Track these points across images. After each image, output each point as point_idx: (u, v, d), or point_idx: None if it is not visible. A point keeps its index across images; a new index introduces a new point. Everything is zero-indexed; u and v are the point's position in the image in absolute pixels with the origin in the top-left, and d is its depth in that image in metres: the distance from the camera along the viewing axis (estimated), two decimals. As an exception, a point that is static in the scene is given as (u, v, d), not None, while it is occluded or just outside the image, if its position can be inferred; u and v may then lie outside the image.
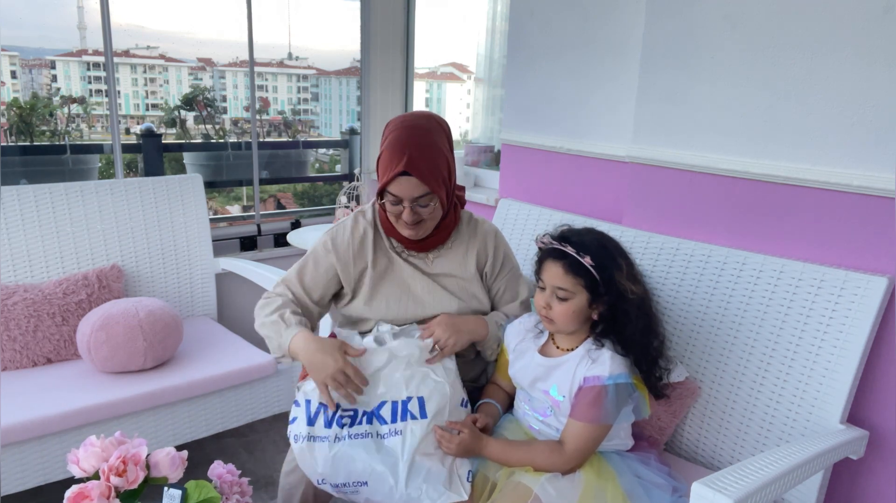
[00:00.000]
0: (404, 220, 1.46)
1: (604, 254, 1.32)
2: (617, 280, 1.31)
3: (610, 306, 1.34)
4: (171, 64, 3.77)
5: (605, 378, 1.31)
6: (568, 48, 2.18)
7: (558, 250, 1.33)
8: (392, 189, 1.42)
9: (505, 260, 1.62)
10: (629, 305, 1.32)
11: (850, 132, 1.48)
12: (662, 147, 1.86)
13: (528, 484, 1.30)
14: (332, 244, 1.56)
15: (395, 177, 1.40)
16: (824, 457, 1.31)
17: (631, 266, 1.36)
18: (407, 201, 1.43)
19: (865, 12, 1.42)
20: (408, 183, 1.41)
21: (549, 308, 1.35)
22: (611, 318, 1.35)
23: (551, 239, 1.36)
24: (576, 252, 1.31)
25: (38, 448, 1.77)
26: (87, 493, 1.14)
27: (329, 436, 1.38)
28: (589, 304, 1.34)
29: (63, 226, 2.26)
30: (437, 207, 1.47)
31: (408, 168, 1.39)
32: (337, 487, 1.39)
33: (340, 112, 4.21)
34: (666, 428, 1.64)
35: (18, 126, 3.17)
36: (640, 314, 1.34)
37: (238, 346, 2.27)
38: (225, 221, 3.12)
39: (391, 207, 1.46)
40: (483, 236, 1.60)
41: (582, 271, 1.31)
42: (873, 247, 1.48)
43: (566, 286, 1.32)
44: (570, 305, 1.33)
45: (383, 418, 1.40)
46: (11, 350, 2.02)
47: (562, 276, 1.32)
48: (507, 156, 2.50)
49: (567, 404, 1.36)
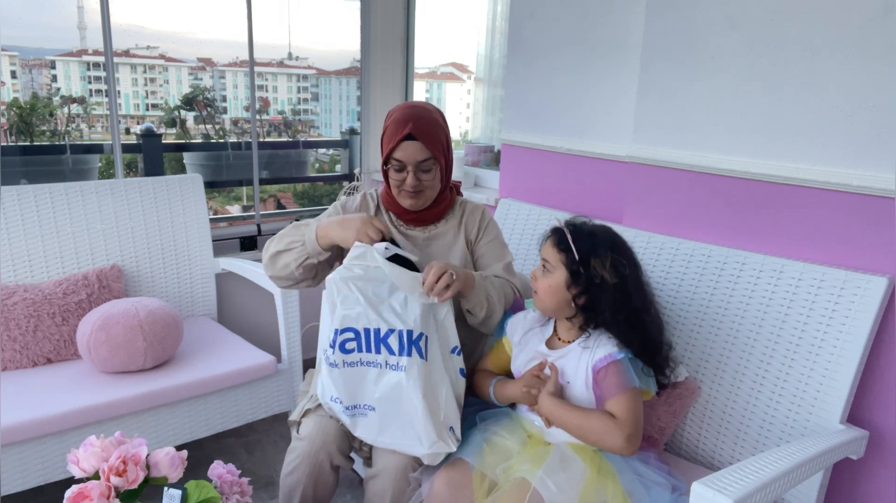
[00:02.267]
0: (407, 187, 1.57)
1: (592, 238, 1.39)
2: (592, 264, 1.35)
3: (586, 292, 1.37)
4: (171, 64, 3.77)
5: (616, 353, 1.36)
6: (568, 48, 2.18)
7: (557, 228, 1.43)
8: (397, 154, 1.54)
9: (489, 227, 1.72)
10: (602, 293, 1.35)
11: (850, 132, 1.48)
12: (662, 147, 1.86)
13: (529, 479, 1.30)
14: (342, 207, 1.69)
15: (400, 142, 1.53)
16: (824, 457, 1.31)
17: (619, 261, 1.37)
18: (411, 166, 1.55)
19: (865, 12, 1.42)
20: (412, 147, 1.53)
21: (536, 279, 1.44)
22: (589, 308, 1.38)
23: (562, 221, 1.45)
24: (566, 228, 1.40)
25: (38, 448, 1.77)
26: (87, 493, 1.14)
27: (339, 361, 1.42)
28: (567, 285, 1.38)
29: (63, 226, 2.26)
30: (437, 177, 1.59)
31: (412, 131, 1.52)
32: (348, 409, 1.43)
33: (340, 112, 4.21)
34: (666, 428, 1.64)
35: (18, 126, 3.17)
36: (617, 306, 1.35)
37: (238, 346, 2.27)
38: (225, 221, 3.12)
39: (395, 175, 1.58)
40: (472, 210, 1.73)
41: (564, 247, 1.38)
42: (873, 247, 1.48)
43: (549, 258, 1.41)
44: (550, 279, 1.40)
45: (391, 348, 1.41)
46: (11, 350, 2.02)
47: (549, 249, 1.42)
48: (507, 156, 2.50)
49: (574, 391, 1.39)
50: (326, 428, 1.52)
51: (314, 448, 1.51)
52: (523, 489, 1.29)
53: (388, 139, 1.57)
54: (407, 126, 1.52)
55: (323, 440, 1.51)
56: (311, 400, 1.60)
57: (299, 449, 1.53)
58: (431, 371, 1.42)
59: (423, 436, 1.39)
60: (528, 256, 2.20)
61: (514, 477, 1.34)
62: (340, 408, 1.43)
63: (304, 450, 1.52)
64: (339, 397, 1.42)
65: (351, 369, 1.41)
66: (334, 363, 1.42)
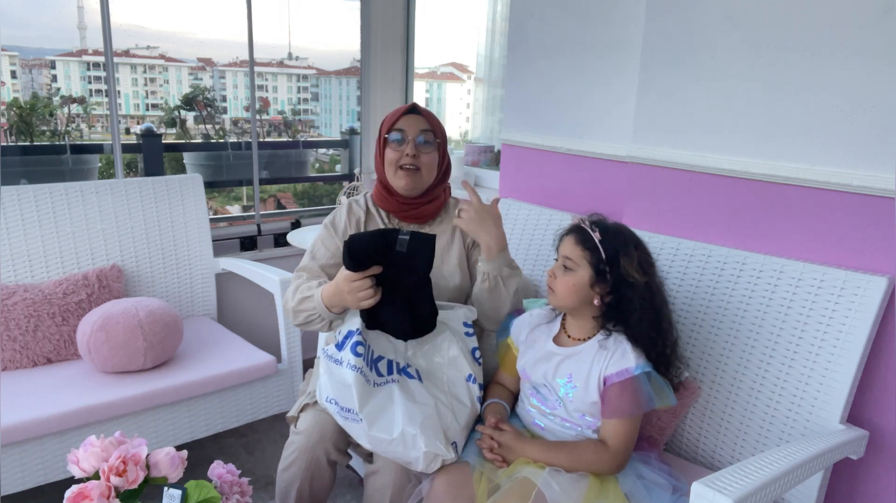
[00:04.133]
0: (405, 160, 1.58)
1: (617, 237, 1.37)
2: (622, 263, 1.34)
3: (613, 291, 1.36)
4: (171, 64, 3.77)
5: (633, 368, 1.33)
6: (568, 48, 2.18)
7: (577, 225, 1.40)
8: (398, 125, 1.60)
9: None
10: (633, 292, 1.34)
11: (850, 132, 1.48)
12: (662, 147, 1.86)
13: (532, 479, 1.30)
14: (333, 226, 1.68)
15: (402, 115, 1.60)
16: (824, 457, 1.31)
17: (645, 259, 1.38)
18: (411, 136, 1.59)
19: (865, 12, 1.42)
20: (414, 119, 1.60)
21: (554, 277, 1.41)
22: (615, 306, 1.37)
23: (581, 218, 1.43)
24: (589, 227, 1.37)
25: (38, 448, 1.77)
26: (87, 493, 1.14)
27: (343, 359, 1.42)
28: (591, 284, 1.36)
29: (63, 226, 2.26)
30: (434, 161, 1.62)
31: (415, 107, 1.62)
32: (342, 411, 1.42)
33: (340, 112, 4.21)
34: (666, 428, 1.64)
35: (18, 126, 3.17)
36: (645, 305, 1.35)
37: (238, 346, 2.27)
38: (225, 221, 3.12)
39: (394, 149, 1.60)
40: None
41: (590, 245, 1.36)
42: (873, 247, 1.48)
43: (573, 257, 1.38)
44: (572, 277, 1.37)
45: (379, 370, 1.46)
46: (11, 350, 2.02)
47: (572, 247, 1.38)
48: (507, 156, 2.50)
49: (582, 394, 1.38)
50: (324, 423, 1.52)
51: (311, 442, 1.51)
52: (527, 489, 1.29)
53: (390, 117, 1.62)
54: (410, 105, 1.63)
55: (320, 435, 1.51)
56: (309, 396, 1.61)
57: (296, 443, 1.53)
58: (430, 389, 1.44)
59: (416, 440, 1.36)
60: (528, 256, 2.20)
61: (517, 476, 1.33)
62: (335, 409, 1.43)
63: (301, 444, 1.52)
64: (334, 398, 1.42)
65: (353, 372, 1.41)
66: (338, 361, 1.43)
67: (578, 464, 1.34)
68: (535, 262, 2.16)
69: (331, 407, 1.43)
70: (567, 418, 1.42)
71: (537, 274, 2.12)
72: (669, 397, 1.36)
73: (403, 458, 1.40)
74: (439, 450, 1.37)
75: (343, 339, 1.46)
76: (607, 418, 1.35)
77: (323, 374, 1.45)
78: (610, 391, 1.35)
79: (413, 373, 1.47)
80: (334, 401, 1.41)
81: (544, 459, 1.36)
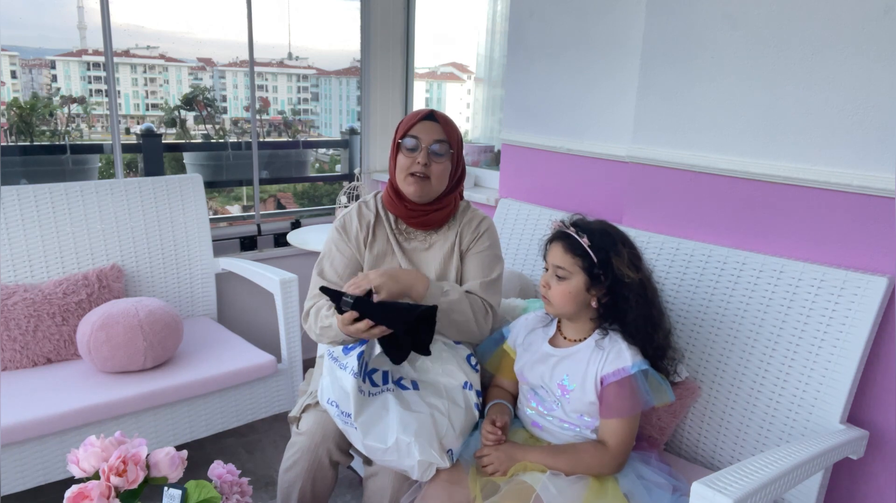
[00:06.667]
0: (417, 166, 1.54)
1: (604, 238, 1.36)
2: (615, 264, 1.33)
3: (609, 292, 1.36)
4: (171, 64, 3.77)
5: (630, 367, 1.33)
6: (568, 48, 2.18)
7: (563, 232, 1.39)
8: (413, 131, 1.56)
9: (482, 238, 1.65)
10: (628, 291, 1.34)
11: (850, 132, 1.48)
12: (662, 146, 1.86)
13: (531, 482, 1.30)
14: (345, 231, 1.65)
15: (420, 120, 1.56)
16: (824, 457, 1.31)
17: (634, 255, 1.38)
18: (425, 144, 1.55)
19: (866, 12, 1.42)
20: (430, 126, 1.57)
21: (549, 287, 1.40)
22: (612, 306, 1.37)
23: (561, 223, 1.41)
24: (576, 232, 1.36)
25: (38, 448, 1.77)
26: (87, 493, 1.14)
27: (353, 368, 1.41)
28: (587, 288, 1.36)
29: (63, 226, 2.26)
30: (446, 170, 1.58)
31: (433, 113, 1.58)
32: (342, 414, 1.41)
33: (340, 112, 4.21)
34: (666, 428, 1.64)
35: (18, 126, 3.17)
36: (640, 301, 1.35)
37: (238, 346, 2.27)
38: (225, 221, 3.12)
39: (407, 155, 1.56)
40: (470, 219, 1.68)
41: (580, 251, 1.35)
42: (873, 247, 1.48)
43: (564, 265, 1.36)
44: (567, 285, 1.36)
45: (374, 381, 1.47)
46: (11, 350, 2.02)
47: (561, 255, 1.37)
48: (507, 156, 2.50)
49: (579, 394, 1.38)
50: (326, 424, 1.52)
51: (314, 443, 1.51)
52: (526, 493, 1.29)
53: (406, 121, 1.59)
54: (428, 111, 1.59)
55: (323, 435, 1.51)
56: (311, 396, 1.60)
57: (299, 444, 1.53)
58: (426, 397, 1.44)
59: (411, 449, 1.36)
60: (528, 256, 2.20)
61: (516, 479, 1.33)
62: (336, 412, 1.43)
63: (303, 444, 1.52)
64: (335, 401, 1.42)
65: (354, 379, 1.40)
66: (343, 365, 1.43)
67: (578, 467, 1.34)
68: (535, 262, 2.16)
69: (331, 409, 1.43)
70: (565, 419, 1.42)
71: (537, 274, 2.12)
72: (668, 394, 1.36)
73: (398, 467, 1.40)
74: (434, 458, 1.36)
75: (354, 344, 1.46)
76: (606, 418, 1.36)
77: (326, 376, 1.45)
78: (607, 391, 1.35)
79: (408, 384, 1.48)
80: (335, 403, 1.42)
81: (545, 463, 1.36)
